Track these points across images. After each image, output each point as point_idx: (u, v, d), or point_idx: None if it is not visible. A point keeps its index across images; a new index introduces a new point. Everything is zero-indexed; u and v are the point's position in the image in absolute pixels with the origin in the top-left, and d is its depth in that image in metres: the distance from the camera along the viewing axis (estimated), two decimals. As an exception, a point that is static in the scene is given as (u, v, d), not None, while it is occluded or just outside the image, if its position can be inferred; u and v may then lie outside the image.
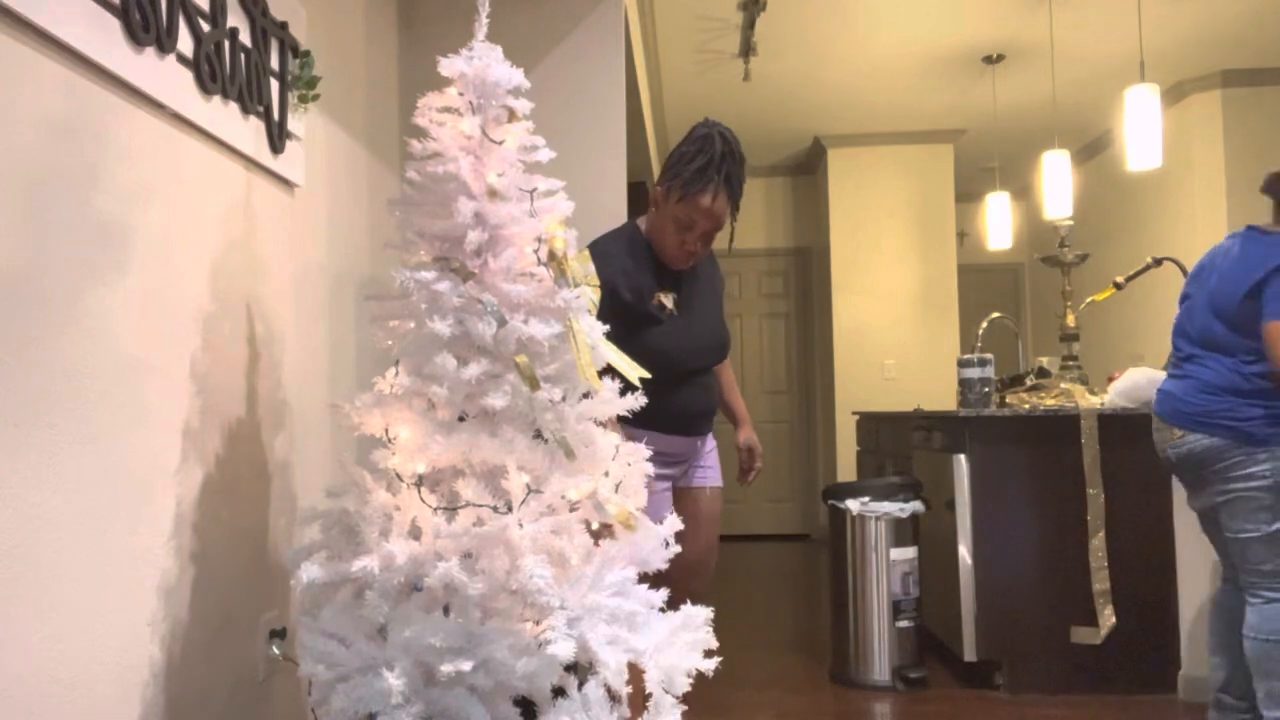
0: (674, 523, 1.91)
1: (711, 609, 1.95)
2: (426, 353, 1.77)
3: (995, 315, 4.10)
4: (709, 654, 1.91)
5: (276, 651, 2.12)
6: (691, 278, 2.43)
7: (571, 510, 1.76)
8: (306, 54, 2.26)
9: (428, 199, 1.83)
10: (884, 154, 6.66)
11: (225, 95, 1.91)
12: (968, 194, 7.87)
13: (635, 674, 1.87)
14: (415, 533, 1.76)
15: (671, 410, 2.39)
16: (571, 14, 3.24)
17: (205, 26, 1.83)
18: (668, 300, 2.35)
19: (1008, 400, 3.66)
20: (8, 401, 1.34)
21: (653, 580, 2.10)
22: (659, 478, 2.45)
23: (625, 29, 3.30)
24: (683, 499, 2.50)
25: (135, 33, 1.59)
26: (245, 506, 2.07)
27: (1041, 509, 3.33)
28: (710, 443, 2.54)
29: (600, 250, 2.34)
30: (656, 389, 2.28)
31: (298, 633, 1.75)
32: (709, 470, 2.53)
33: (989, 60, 5.21)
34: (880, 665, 3.44)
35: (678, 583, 2.38)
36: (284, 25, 2.17)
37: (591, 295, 1.88)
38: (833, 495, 3.59)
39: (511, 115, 1.87)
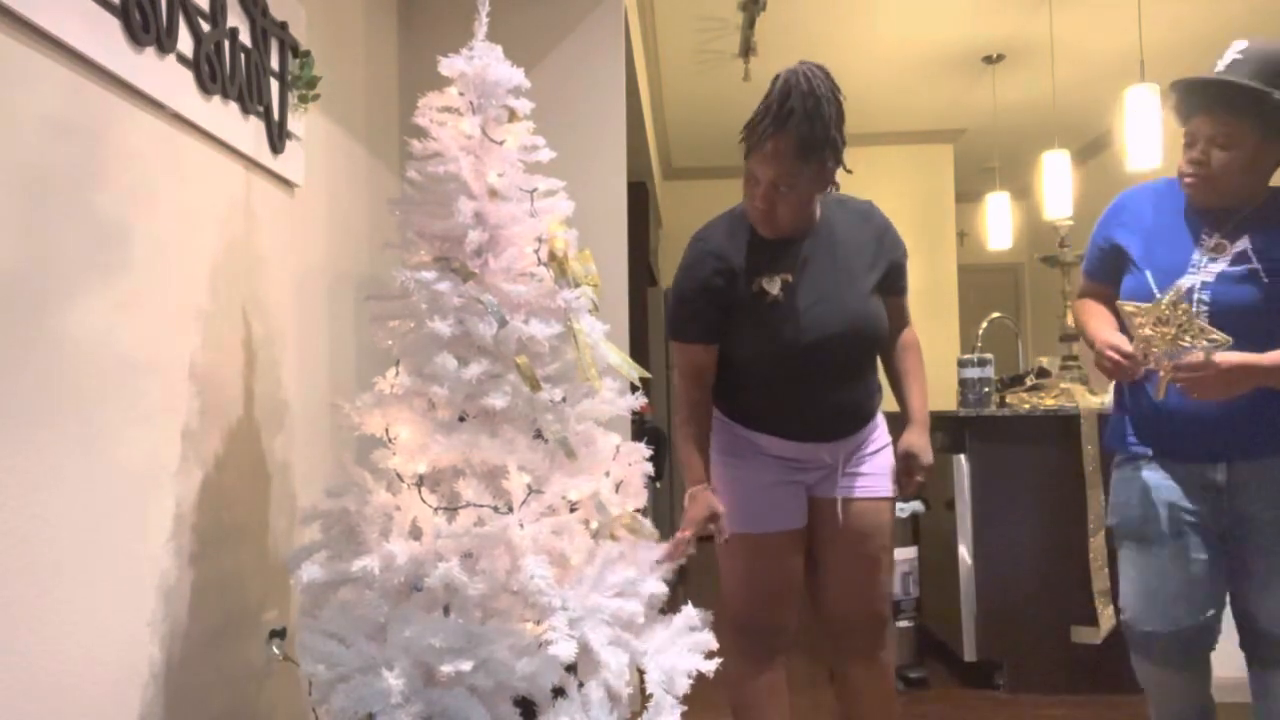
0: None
1: (711, 610, 1.94)
2: (427, 353, 1.77)
3: (995, 315, 4.09)
4: (709, 655, 1.91)
5: (276, 651, 2.12)
6: (821, 253, 1.97)
7: (572, 510, 1.76)
8: (306, 54, 2.26)
9: (428, 199, 1.83)
10: (884, 154, 6.66)
11: (225, 95, 1.91)
12: (968, 194, 7.87)
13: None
14: (415, 533, 1.75)
15: (782, 413, 1.99)
16: (571, 14, 3.24)
17: (205, 26, 1.82)
18: (771, 285, 1.93)
19: (1008, 400, 3.66)
20: (7, 401, 1.34)
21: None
22: (773, 484, 2.02)
23: (625, 29, 3.30)
24: (822, 511, 2.03)
25: (135, 33, 1.59)
26: (245, 506, 2.06)
27: (1041, 509, 3.33)
28: (874, 444, 2.07)
29: (696, 236, 2.02)
30: (764, 388, 1.98)
31: (298, 633, 1.75)
32: (866, 479, 2.03)
33: (989, 60, 5.21)
34: (880, 665, 3.44)
35: (829, 623, 2.08)
36: (284, 25, 2.17)
37: (591, 295, 1.87)
38: (833, 495, 3.59)
39: (512, 115, 1.87)
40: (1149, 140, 3.96)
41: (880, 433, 2.10)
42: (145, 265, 1.68)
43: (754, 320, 1.94)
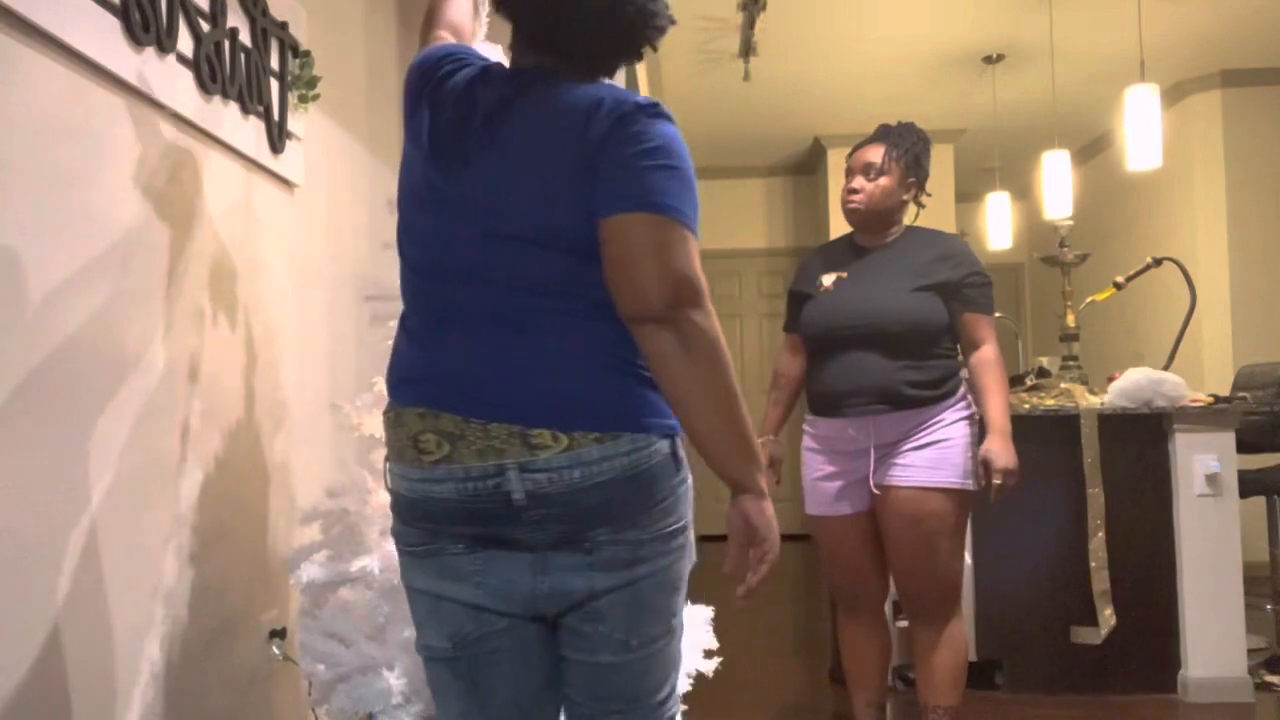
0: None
1: (711, 609, 1.95)
2: (426, 353, 1.76)
3: (995, 315, 4.08)
4: (709, 654, 1.91)
5: (276, 651, 2.12)
6: (882, 261, 2.40)
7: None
8: (306, 54, 2.26)
9: (428, 199, 1.82)
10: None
11: (225, 95, 1.91)
12: (968, 194, 7.87)
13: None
14: (415, 533, 1.75)
15: (817, 389, 2.43)
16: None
17: (205, 26, 1.82)
18: (828, 279, 2.42)
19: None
20: (7, 401, 1.34)
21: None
22: (824, 477, 2.44)
23: (625, 29, 3.29)
24: (877, 499, 2.36)
25: (135, 33, 1.59)
26: (245, 506, 2.06)
27: (1041, 509, 3.33)
28: (925, 437, 2.31)
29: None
30: (812, 362, 2.46)
31: (298, 633, 1.75)
32: (908, 469, 2.31)
33: (989, 60, 5.21)
34: (880, 665, 3.44)
35: (899, 592, 2.46)
36: (284, 25, 2.17)
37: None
38: (833, 495, 3.59)
39: (512, 115, 1.87)
40: (1149, 140, 3.96)
41: (940, 429, 2.32)
42: (145, 265, 1.68)
43: (812, 307, 2.41)
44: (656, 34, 1.32)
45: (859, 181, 2.42)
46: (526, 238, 1.21)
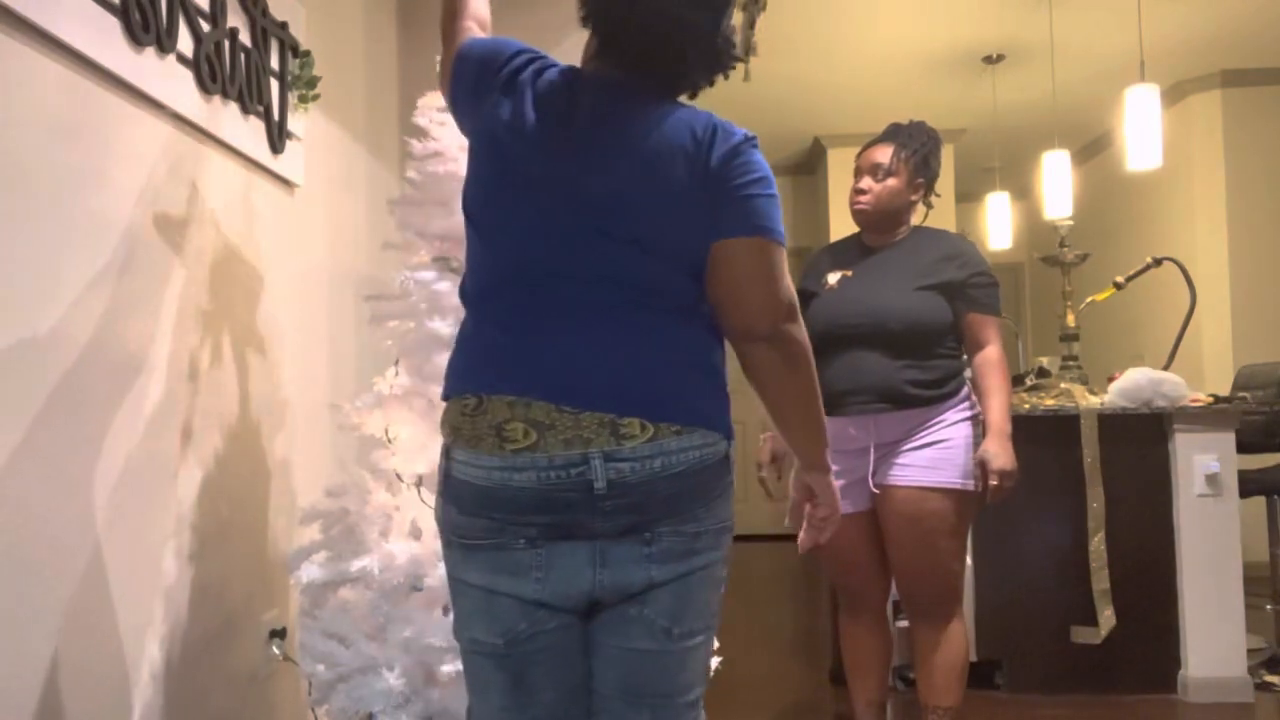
0: None
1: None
2: (426, 352, 1.77)
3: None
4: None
5: (276, 651, 2.12)
6: (888, 260, 2.39)
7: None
8: (306, 54, 2.26)
9: (428, 199, 1.83)
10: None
11: (225, 95, 1.91)
12: (968, 194, 7.87)
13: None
14: (415, 533, 1.76)
15: (823, 383, 2.42)
16: (572, 14, 3.22)
17: (205, 26, 1.82)
18: (833, 277, 2.41)
19: (1008, 400, 3.65)
20: (8, 401, 1.34)
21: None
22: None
23: (625, 29, 3.29)
24: (877, 499, 2.34)
25: (135, 33, 1.59)
26: (245, 506, 2.06)
27: (1041, 509, 3.33)
28: (925, 437, 2.30)
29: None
30: (818, 359, 2.41)
31: (298, 633, 1.75)
32: (908, 468, 2.29)
33: (989, 60, 5.21)
34: (880, 665, 3.44)
35: (899, 591, 2.45)
36: (284, 25, 2.17)
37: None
38: (833, 495, 3.58)
39: (512, 115, 1.87)
40: (1149, 140, 3.95)
41: (941, 429, 2.30)
42: (145, 265, 1.68)
43: (816, 304, 2.39)
44: (732, 64, 1.42)
45: (867, 182, 2.41)
46: (637, 241, 1.27)
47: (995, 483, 2.26)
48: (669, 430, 1.25)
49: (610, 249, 1.27)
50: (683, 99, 1.39)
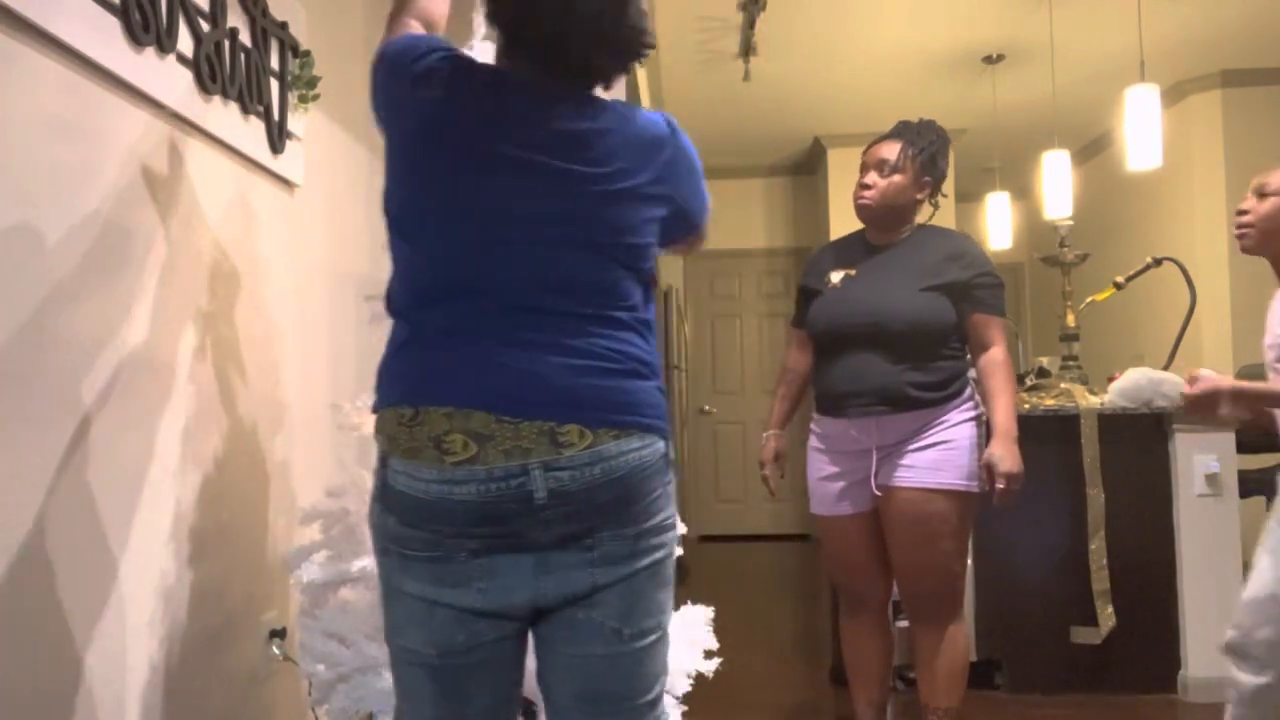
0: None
1: (711, 609, 1.95)
2: (426, 353, 1.76)
3: (995, 315, 4.08)
4: (709, 654, 1.91)
5: (276, 651, 2.12)
6: (891, 259, 2.38)
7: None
8: (306, 54, 2.26)
9: (428, 199, 1.82)
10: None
11: (225, 95, 1.91)
12: (968, 194, 7.87)
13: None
14: (415, 533, 1.75)
15: (822, 388, 2.43)
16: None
17: (205, 26, 1.82)
18: (835, 277, 2.40)
19: (1008, 400, 3.65)
20: (8, 401, 1.34)
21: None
22: (827, 477, 2.44)
23: (625, 29, 3.29)
24: (880, 499, 2.35)
25: (135, 33, 1.59)
26: (245, 506, 2.06)
27: (1041, 509, 3.33)
28: (929, 439, 2.31)
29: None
30: (818, 359, 2.47)
31: (298, 633, 1.75)
32: (910, 470, 2.29)
33: (989, 60, 5.21)
34: (880, 665, 3.44)
35: (900, 593, 2.45)
36: (284, 25, 2.17)
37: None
38: (833, 495, 3.59)
39: (512, 115, 1.87)
40: (1149, 140, 3.95)
41: (944, 430, 2.31)
42: (145, 265, 1.68)
43: (819, 304, 2.40)
44: (647, 50, 1.38)
45: (872, 177, 2.38)
46: (570, 243, 1.25)
47: (1002, 486, 2.25)
48: (607, 435, 1.24)
49: (543, 254, 1.24)
50: (598, 90, 1.37)
